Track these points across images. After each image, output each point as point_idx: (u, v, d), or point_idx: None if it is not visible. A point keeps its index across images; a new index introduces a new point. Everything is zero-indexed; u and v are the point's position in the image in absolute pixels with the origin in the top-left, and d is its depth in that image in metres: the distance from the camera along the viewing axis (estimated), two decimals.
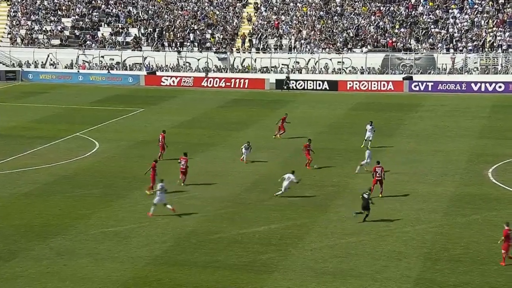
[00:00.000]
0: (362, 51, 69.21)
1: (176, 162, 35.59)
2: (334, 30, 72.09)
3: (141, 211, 30.82)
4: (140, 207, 31.30)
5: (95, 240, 27.47)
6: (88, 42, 76.37)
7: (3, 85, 69.70)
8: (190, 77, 69.66)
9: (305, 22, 73.88)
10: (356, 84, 65.08)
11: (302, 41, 71.74)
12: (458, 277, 23.60)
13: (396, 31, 70.13)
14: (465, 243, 26.45)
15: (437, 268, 24.42)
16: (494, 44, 66.37)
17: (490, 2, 69.95)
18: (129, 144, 43.82)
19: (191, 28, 75.57)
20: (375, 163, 33.06)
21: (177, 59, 72.77)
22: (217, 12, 77.59)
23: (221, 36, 74.39)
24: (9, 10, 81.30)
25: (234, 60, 71.88)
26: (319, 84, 65.89)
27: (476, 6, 70.26)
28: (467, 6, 70.69)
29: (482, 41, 66.84)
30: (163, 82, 69.78)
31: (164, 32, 75.80)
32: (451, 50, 67.23)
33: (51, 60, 75.43)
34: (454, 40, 67.94)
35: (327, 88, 65.35)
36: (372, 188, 31.68)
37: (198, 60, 72.26)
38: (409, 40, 69.05)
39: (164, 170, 35.05)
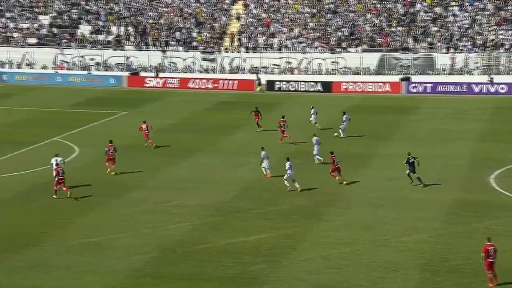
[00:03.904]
0: (357, 50, 69.36)
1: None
2: (327, 29, 72.25)
3: (122, 220, 30.67)
4: (120, 216, 31.15)
5: (72, 251, 27.26)
6: (65, 40, 76.18)
7: None
8: (175, 78, 69.59)
9: (297, 20, 74.01)
10: (351, 85, 65.17)
11: (294, 40, 71.83)
12: None
13: (393, 29, 70.35)
14: (466, 253, 26.46)
15: (436, 279, 24.41)
16: (496, 43, 66.74)
17: (491, 0, 70.32)
18: None
19: (177, 26, 75.51)
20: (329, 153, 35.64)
21: (162, 59, 72.65)
22: (204, 10, 77.59)
23: (209, 35, 74.39)
24: None
25: (222, 60, 71.83)
26: (312, 85, 65.93)
27: (476, 3, 70.61)
28: (467, 4, 71.04)
29: (483, 40, 67.18)
30: (147, 83, 69.65)
31: (147, 31, 75.70)
32: (451, 50, 67.53)
33: (27, 60, 75.11)
34: (454, 39, 68.25)
35: (321, 90, 65.39)
36: (333, 175, 35.15)
37: (184, 60, 72.21)
38: (406, 39, 69.28)
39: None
